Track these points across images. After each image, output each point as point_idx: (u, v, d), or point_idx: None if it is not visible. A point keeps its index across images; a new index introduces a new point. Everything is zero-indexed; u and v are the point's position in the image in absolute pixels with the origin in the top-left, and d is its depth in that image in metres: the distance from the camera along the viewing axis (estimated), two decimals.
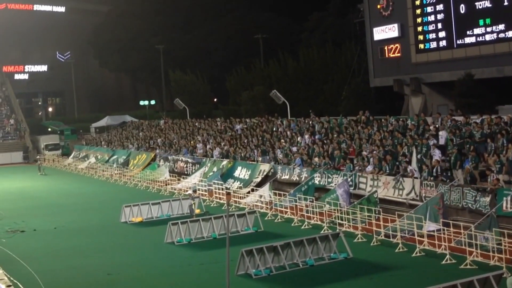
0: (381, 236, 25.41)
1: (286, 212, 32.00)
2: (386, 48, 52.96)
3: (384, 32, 53.04)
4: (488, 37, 43.85)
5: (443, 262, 21.89)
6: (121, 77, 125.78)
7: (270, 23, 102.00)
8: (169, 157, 52.52)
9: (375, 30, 54.07)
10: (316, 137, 40.75)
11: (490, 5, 43.45)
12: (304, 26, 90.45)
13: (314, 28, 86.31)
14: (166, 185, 45.15)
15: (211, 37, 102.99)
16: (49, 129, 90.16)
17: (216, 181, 39.95)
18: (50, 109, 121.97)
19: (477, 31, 44.67)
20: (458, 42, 46.29)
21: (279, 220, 31.40)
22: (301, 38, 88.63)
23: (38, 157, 70.15)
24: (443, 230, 23.43)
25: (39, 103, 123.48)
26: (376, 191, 29.68)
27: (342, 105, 59.78)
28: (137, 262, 25.04)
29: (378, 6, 53.60)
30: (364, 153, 34.30)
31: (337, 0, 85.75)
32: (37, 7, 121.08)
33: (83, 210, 39.02)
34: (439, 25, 47.84)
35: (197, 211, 32.99)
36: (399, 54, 52.08)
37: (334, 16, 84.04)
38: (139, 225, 32.63)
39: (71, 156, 73.14)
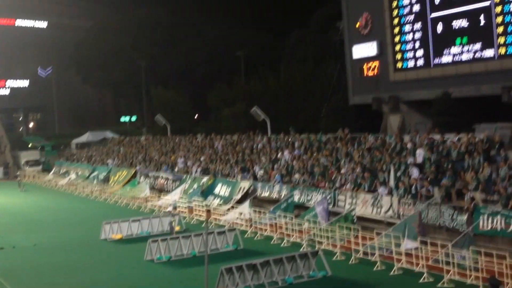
0: (360, 254, 25.66)
1: (265, 230, 32.22)
2: (365, 66, 53.33)
3: (363, 50, 53.43)
4: (464, 56, 44.32)
5: (421, 280, 22.15)
6: (103, 93, 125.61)
7: (252, 40, 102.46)
8: (150, 174, 52.56)
9: (354, 48, 54.47)
10: (295, 152, 41.00)
11: (467, 25, 43.99)
12: (285, 43, 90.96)
13: (295, 45, 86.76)
14: (146, 202, 45.25)
15: (193, 53, 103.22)
16: (30, 145, 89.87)
17: (196, 198, 40.09)
18: (31, 125, 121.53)
19: (454, 50, 45.13)
20: (435, 61, 46.75)
21: (259, 238, 31.61)
22: (282, 55, 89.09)
23: (18, 173, 69.91)
24: (421, 248, 23.70)
25: (20, 118, 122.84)
26: (353, 209, 29.97)
27: (322, 122, 60.15)
28: (117, 279, 25.14)
29: (357, 25, 54.02)
30: (342, 170, 34.60)
31: (318, 17, 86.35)
32: (19, 22, 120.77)
33: (63, 226, 39.04)
34: (417, 44, 48.30)
35: (177, 228, 33.15)
36: (377, 72, 52.46)
37: (314, 34, 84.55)
38: (119, 242, 32.71)
39: (51, 172, 73.00)
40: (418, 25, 48.14)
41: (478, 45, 43.21)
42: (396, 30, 50.06)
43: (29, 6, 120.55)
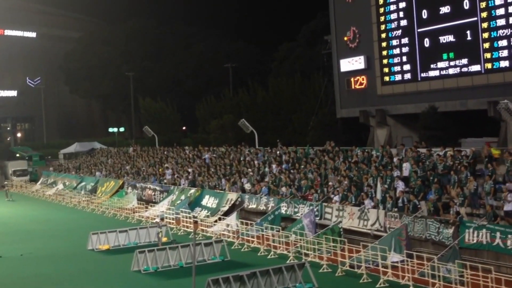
0: (346, 267, 25.71)
1: (252, 241, 32.25)
2: (352, 79, 53.59)
3: (351, 63, 53.69)
4: (451, 71, 44.69)
5: None
6: (91, 104, 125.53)
7: (240, 52, 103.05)
8: (137, 185, 52.58)
9: (342, 61, 54.74)
10: (283, 166, 41.16)
11: (454, 40, 44.38)
12: (273, 56, 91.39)
13: (283, 59, 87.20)
14: (133, 212, 45.22)
15: (182, 65, 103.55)
16: (18, 155, 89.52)
17: (183, 210, 40.15)
18: (19, 135, 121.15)
19: (440, 64, 45.50)
20: (422, 75, 47.10)
21: (246, 249, 31.65)
22: (271, 68, 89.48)
23: (5, 182, 69.69)
24: (407, 261, 23.83)
25: (8, 128, 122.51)
26: (340, 222, 30.13)
27: (310, 135, 60.34)
28: None
29: (345, 38, 54.35)
30: (330, 183, 34.74)
31: (306, 31, 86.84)
32: (8, 32, 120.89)
33: (50, 237, 38.94)
34: (404, 58, 48.63)
35: (164, 239, 33.18)
36: (365, 86, 52.74)
37: (303, 47, 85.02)
38: (106, 253, 32.66)
39: (39, 182, 72.83)
40: (405, 40, 48.50)
41: (464, 60, 43.60)
42: (384, 44, 50.38)
43: (18, 16, 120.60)
